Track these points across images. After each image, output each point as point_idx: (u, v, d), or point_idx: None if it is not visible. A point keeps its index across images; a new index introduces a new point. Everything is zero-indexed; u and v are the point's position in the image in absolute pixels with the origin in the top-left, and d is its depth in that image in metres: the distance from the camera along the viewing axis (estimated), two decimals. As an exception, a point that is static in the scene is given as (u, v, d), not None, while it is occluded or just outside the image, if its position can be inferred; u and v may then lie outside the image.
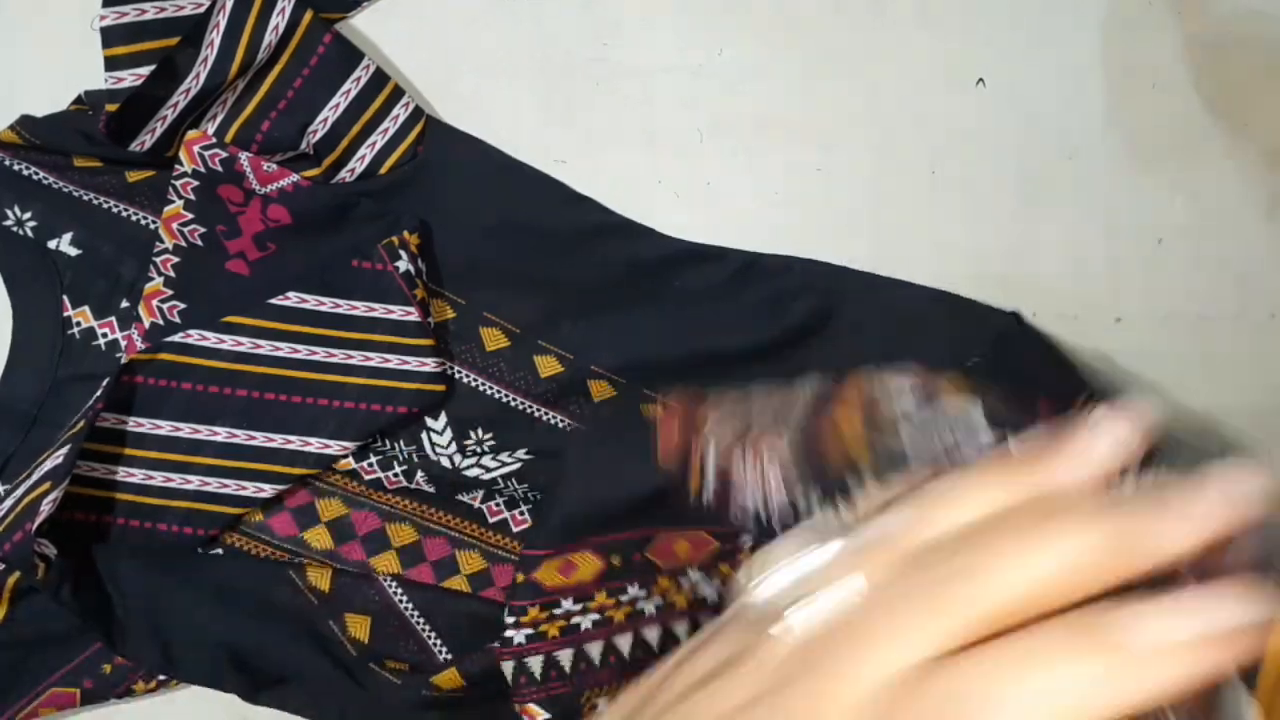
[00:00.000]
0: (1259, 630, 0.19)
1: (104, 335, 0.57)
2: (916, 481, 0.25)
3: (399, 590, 0.55)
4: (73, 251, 0.56)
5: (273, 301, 0.55)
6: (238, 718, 0.58)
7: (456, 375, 0.57)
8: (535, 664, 0.52)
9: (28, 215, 0.56)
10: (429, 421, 0.57)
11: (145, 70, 0.55)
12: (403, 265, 0.55)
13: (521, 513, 0.56)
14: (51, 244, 0.56)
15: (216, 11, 0.55)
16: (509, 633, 0.53)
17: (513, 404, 0.58)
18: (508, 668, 0.52)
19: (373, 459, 0.57)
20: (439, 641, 0.54)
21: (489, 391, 0.58)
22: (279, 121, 0.56)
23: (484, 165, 0.58)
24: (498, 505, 0.56)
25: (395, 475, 0.57)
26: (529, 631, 0.53)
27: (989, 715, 0.19)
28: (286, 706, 0.56)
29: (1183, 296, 0.59)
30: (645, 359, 0.57)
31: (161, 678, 0.57)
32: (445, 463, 0.57)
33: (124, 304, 0.57)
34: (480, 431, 0.57)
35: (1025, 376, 0.56)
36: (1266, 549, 0.21)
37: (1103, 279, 0.59)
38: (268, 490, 0.55)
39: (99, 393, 0.52)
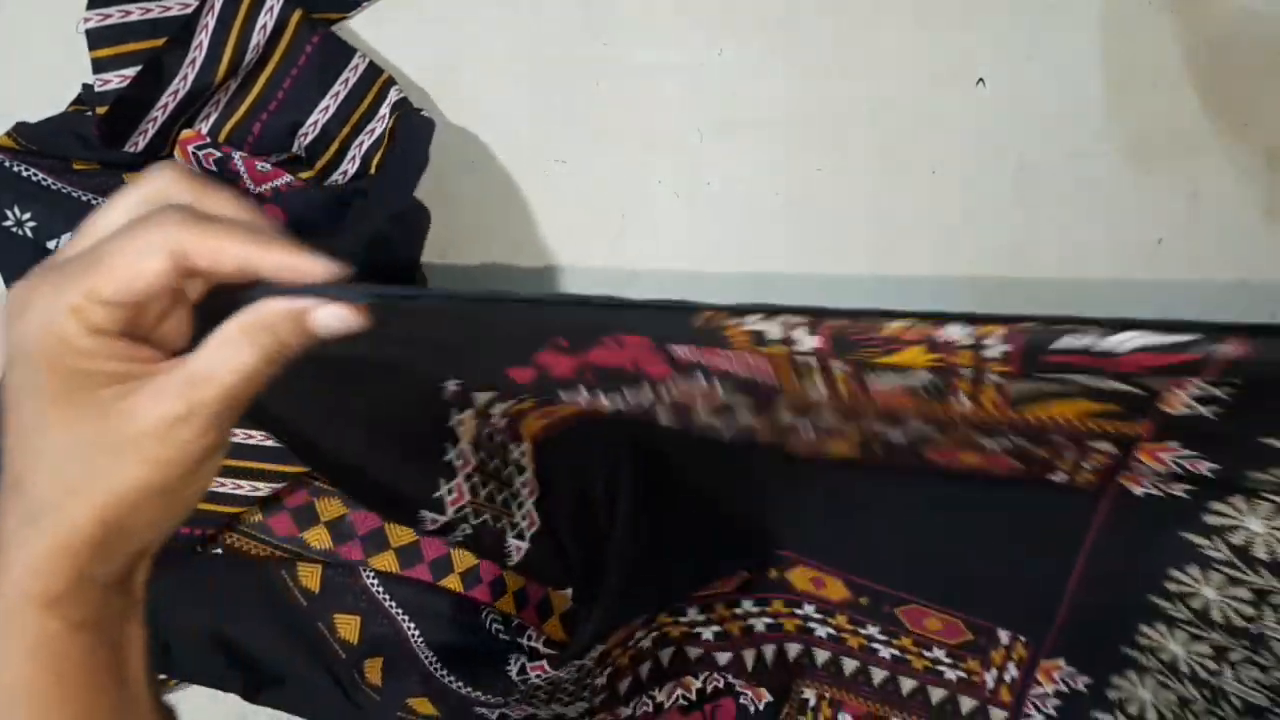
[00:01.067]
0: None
1: (103, 335, 0.57)
2: None
3: (379, 586, 0.54)
4: (72, 251, 0.56)
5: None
6: (238, 718, 0.58)
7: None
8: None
9: (27, 216, 0.56)
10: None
11: (131, 71, 0.55)
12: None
13: (520, 541, 0.55)
14: (50, 244, 0.56)
15: (205, 12, 0.55)
16: (700, 630, 0.55)
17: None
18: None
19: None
20: (420, 638, 0.54)
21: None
22: (270, 124, 0.56)
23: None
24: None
25: None
26: (717, 629, 0.55)
27: None
28: (285, 706, 0.56)
29: (1182, 296, 0.59)
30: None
31: (161, 677, 0.56)
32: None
33: (123, 304, 0.57)
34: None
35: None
36: None
37: (1103, 278, 0.59)
38: (263, 489, 0.55)
39: (98, 392, 0.52)
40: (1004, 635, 0.52)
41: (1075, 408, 0.35)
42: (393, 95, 0.57)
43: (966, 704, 0.54)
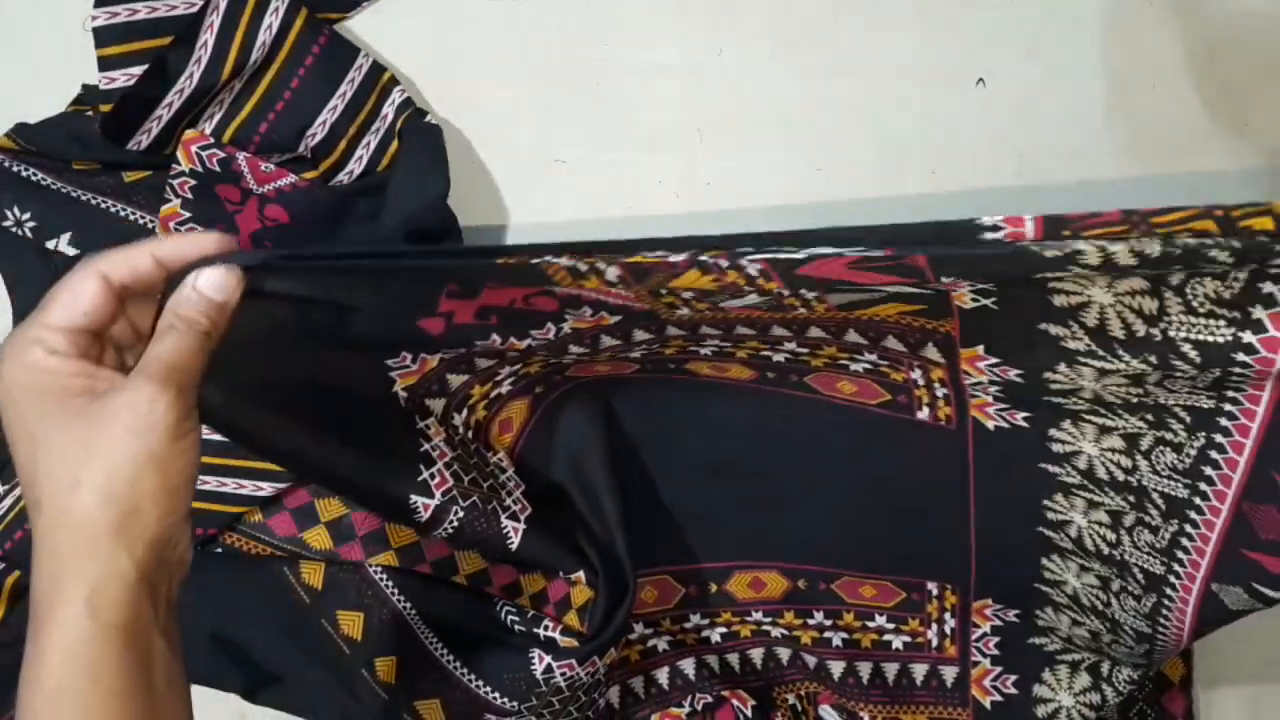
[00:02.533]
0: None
1: (103, 335, 0.57)
2: None
3: (386, 579, 0.54)
4: (71, 251, 0.56)
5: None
6: (238, 717, 0.58)
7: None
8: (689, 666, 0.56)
9: (26, 216, 0.56)
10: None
11: (138, 70, 0.55)
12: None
13: (515, 522, 0.55)
14: (50, 244, 0.56)
15: (210, 11, 0.55)
16: (653, 642, 0.56)
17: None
18: (662, 674, 0.56)
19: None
20: (429, 631, 0.54)
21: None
22: (277, 123, 0.56)
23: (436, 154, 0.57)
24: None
25: None
26: (669, 639, 0.56)
27: None
28: (285, 706, 0.56)
29: (1183, 297, 0.59)
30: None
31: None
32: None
33: (123, 304, 0.57)
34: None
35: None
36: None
37: (1103, 279, 0.59)
38: (266, 489, 0.55)
39: (98, 393, 0.52)
40: (933, 587, 0.56)
41: (891, 309, 0.43)
42: (396, 96, 0.57)
43: (919, 671, 0.56)
